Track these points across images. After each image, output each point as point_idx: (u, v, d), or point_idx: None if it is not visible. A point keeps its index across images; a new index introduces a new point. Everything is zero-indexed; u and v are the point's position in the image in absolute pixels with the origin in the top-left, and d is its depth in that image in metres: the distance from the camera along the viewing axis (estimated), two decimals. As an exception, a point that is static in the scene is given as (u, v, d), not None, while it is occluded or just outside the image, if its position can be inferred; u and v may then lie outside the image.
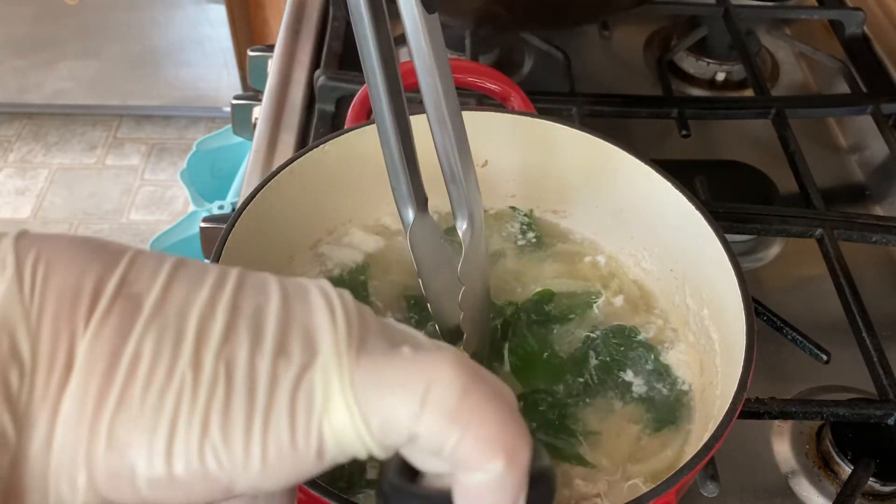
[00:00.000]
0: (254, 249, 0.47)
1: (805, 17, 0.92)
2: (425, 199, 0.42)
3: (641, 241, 0.54)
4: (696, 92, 0.85)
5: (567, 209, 0.57)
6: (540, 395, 0.47)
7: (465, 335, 0.47)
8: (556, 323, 0.51)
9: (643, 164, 0.50)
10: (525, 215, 0.57)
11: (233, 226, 0.46)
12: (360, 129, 0.52)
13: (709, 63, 0.85)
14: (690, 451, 0.41)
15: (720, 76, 0.85)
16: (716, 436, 0.38)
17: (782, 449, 0.55)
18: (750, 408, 0.50)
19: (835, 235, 0.62)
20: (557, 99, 0.73)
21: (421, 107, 0.40)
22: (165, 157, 2.09)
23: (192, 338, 0.21)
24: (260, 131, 0.73)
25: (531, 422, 0.46)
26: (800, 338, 0.56)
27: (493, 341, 0.50)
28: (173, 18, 1.88)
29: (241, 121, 0.88)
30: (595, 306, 0.52)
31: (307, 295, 0.23)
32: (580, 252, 0.56)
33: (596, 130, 0.52)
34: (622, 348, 0.50)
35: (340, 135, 0.52)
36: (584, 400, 0.47)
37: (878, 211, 0.73)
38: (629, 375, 0.48)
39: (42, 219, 1.94)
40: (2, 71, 2.00)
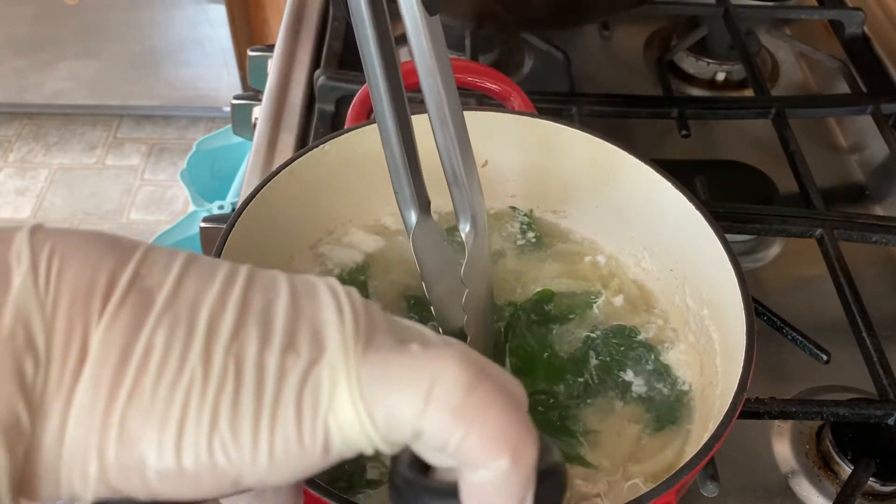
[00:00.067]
0: (254, 249, 0.47)
1: (805, 17, 0.92)
2: (428, 202, 0.42)
3: (641, 241, 0.54)
4: (696, 92, 0.85)
5: (567, 209, 0.57)
6: (540, 396, 0.47)
7: (469, 338, 0.47)
8: (556, 323, 0.51)
9: (643, 164, 0.50)
10: (525, 215, 0.57)
11: (233, 226, 0.46)
12: (360, 129, 0.52)
13: (709, 63, 0.85)
14: (690, 451, 0.41)
15: (720, 76, 0.85)
16: (716, 436, 0.38)
17: (782, 449, 0.55)
18: (750, 408, 0.50)
19: (835, 235, 0.62)
20: (557, 99, 0.73)
21: (422, 106, 0.40)
22: (165, 157, 2.09)
23: (203, 332, 0.22)
24: (260, 131, 0.73)
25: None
26: (800, 338, 0.56)
27: (496, 343, 0.50)
28: (173, 18, 1.88)
29: (241, 121, 0.88)
30: (595, 306, 0.52)
31: (315, 291, 0.24)
32: (580, 252, 0.56)
33: (596, 130, 0.52)
34: (622, 348, 0.50)
35: (340, 135, 0.52)
36: (585, 400, 0.47)
37: (878, 211, 0.73)
38: (629, 375, 0.48)
39: (42, 219, 1.94)
40: (2, 71, 2.00)
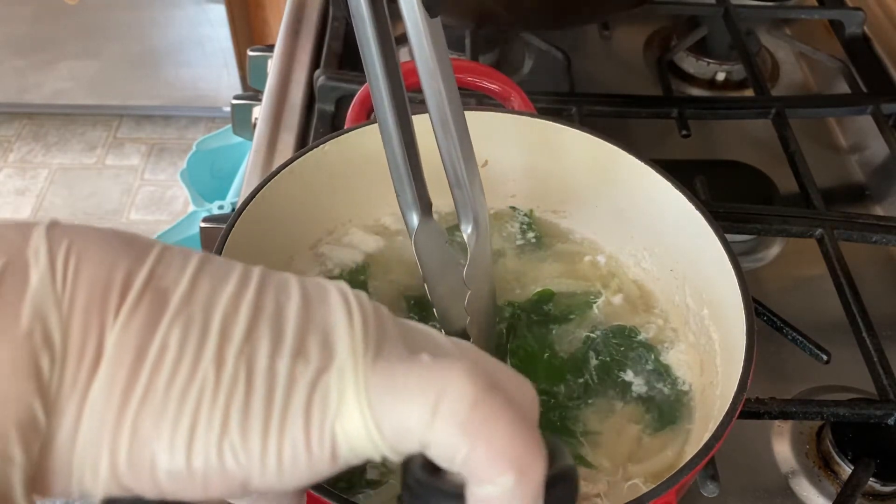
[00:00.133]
0: (254, 249, 0.47)
1: (805, 17, 0.92)
2: (429, 204, 0.42)
3: (641, 240, 0.54)
4: (696, 92, 0.85)
5: (567, 209, 0.57)
6: (541, 396, 0.47)
7: (472, 339, 0.47)
8: (556, 323, 0.51)
9: (643, 164, 0.50)
10: (525, 215, 0.57)
11: (233, 226, 0.46)
12: (359, 129, 0.52)
13: (709, 63, 0.85)
14: (690, 451, 0.41)
15: (720, 76, 0.85)
16: (716, 436, 0.38)
17: (782, 449, 0.55)
18: (750, 408, 0.50)
19: (835, 235, 0.62)
20: (557, 99, 0.73)
21: (422, 106, 0.40)
22: (165, 157, 2.09)
23: (216, 335, 0.22)
24: (260, 131, 0.73)
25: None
26: (800, 338, 0.56)
27: (498, 345, 0.50)
28: (173, 18, 1.88)
29: (240, 121, 0.88)
30: (595, 306, 0.52)
31: (326, 295, 0.24)
32: (580, 252, 0.56)
33: (596, 130, 0.52)
34: (622, 348, 0.50)
35: (340, 135, 0.52)
36: (585, 401, 0.47)
37: (879, 211, 0.73)
38: (629, 375, 0.48)
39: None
40: (2, 71, 2.00)
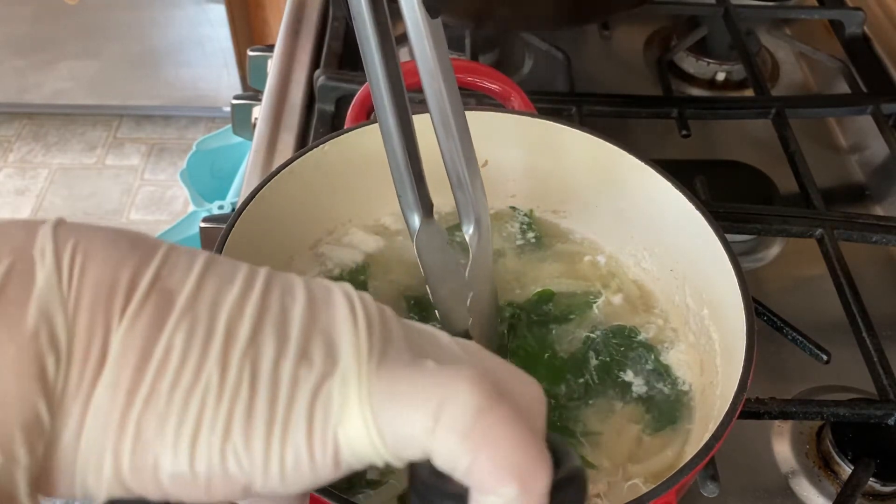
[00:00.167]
0: (254, 249, 0.47)
1: (805, 17, 0.92)
2: (431, 205, 0.42)
3: (641, 240, 0.54)
4: (696, 92, 0.85)
5: (567, 209, 0.57)
6: (541, 396, 0.47)
7: (474, 340, 0.46)
8: (556, 323, 0.51)
9: (643, 164, 0.50)
10: (525, 215, 0.57)
11: (233, 226, 0.45)
12: (359, 129, 0.52)
13: (709, 63, 0.85)
14: (691, 452, 0.41)
15: (720, 76, 0.85)
16: (716, 436, 0.38)
17: (782, 449, 0.55)
18: (750, 408, 0.50)
19: (835, 235, 0.62)
20: (557, 99, 0.73)
21: (423, 106, 0.40)
22: (165, 157, 2.09)
23: (221, 337, 0.22)
24: (260, 131, 0.73)
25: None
26: (800, 338, 0.56)
27: (500, 346, 0.50)
28: (173, 18, 1.88)
29: (240, 121, 0.88)
30: (595, 306, 0.52)
31: (331, 298, 0.23)
32: (580, 252, 0.56)
33: (596, 130, 0.52)
34: (622, 348, 0.50)
35: (340, 135, 0.52)
36: (585, 401, 0.47)
37: (879, 211, 0.73)
38: (629, 376, 0.48)
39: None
40: (2, 71, 2.00)
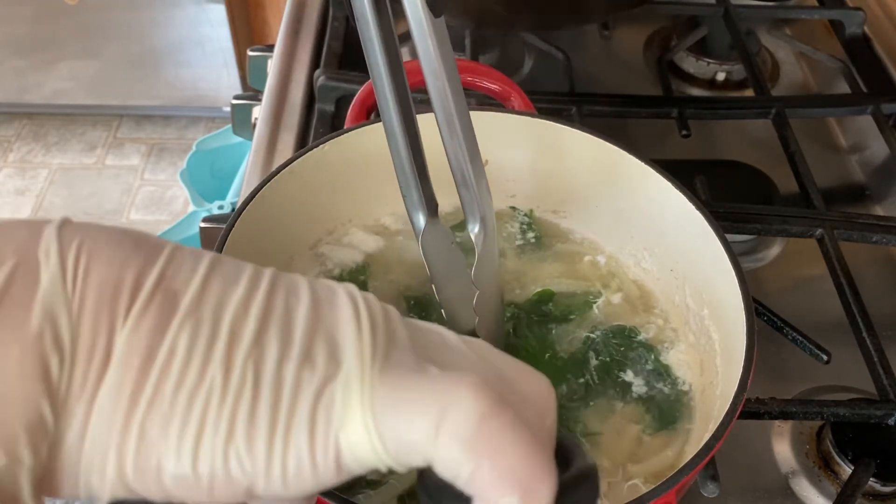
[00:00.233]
0: (254, 249, 0.47)
1: (805, 17, 0.92)
2: (436, 205, 0.42)
3: (641, 240, 0.54)
4: (696, 92, 0.85)
5: (567, 209, 0.57)
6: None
7: (481, 339, 0.46)
8: (556, 323, 0.51)
9: (643, 164, 0.50)
10: (525, 215, 0.57)
11: (232, 226, 0.45)
12: (359, 129, 0.52)
13: (709, 63, 0.85)
14: (691, 452, 0.41)
15: (720, 76, 0.85)
16: (716, 436, 0.38)
17: (782, 449, 0.55)
18: (750, 408, 0.50)
19: (835, 235, 0.62)
20: (557, 99, 0.73)
21: (426, 106, 0.40)
22: (165, 157, 2.09)
23: (225, 338, 0.21)
24: (260, 131, 0.73)
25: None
26: (800, 338, 0.56)
27: (507, 345, 0.49)
28: (173, 18, 1.88)
29: (240, 121, 0.88)
30: (595, 306, 0.52)
31: (335, 299, 0.23)
32: (580, 252, 0.56)
33: (596, 130, 0.52)
34: (622, 348, 0.50)
35: (340, 135, 0.52)
36: (586, 401, 0.47)
37: (879, 211, 0.73)
38: (629, 376, 0.48)
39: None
40: (2, 71, 2.00)
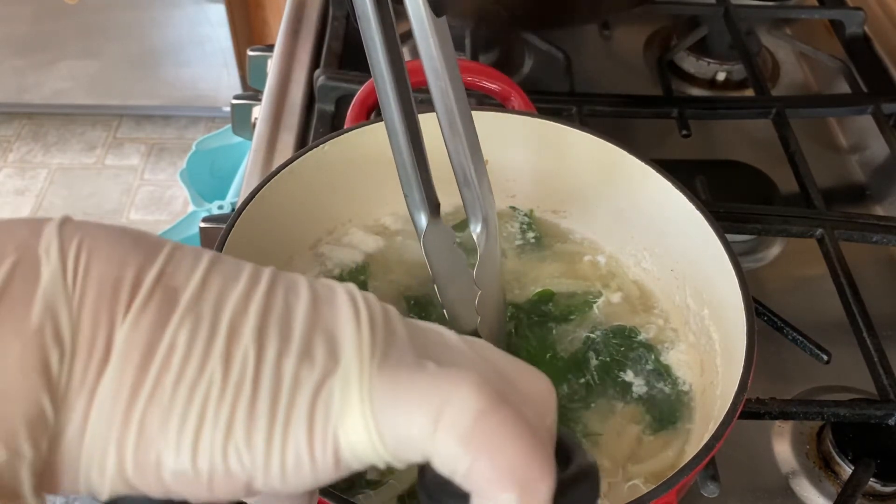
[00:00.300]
0: (254, 249, 0.47)
1: (805, 17, 0.92)
2: (437, 205, 0.42)
3: (642, 240, 0.54)
4: (697, 92, 0.85)
5: (567, 209, 0.57)
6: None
7: (483, 339, 0.46)
8: (556, 323, 0.51)
9: (643, 164, 0.50)
10: (525, 215, 0.57)
11: (232, 226, 0.45)
12: (359, 129, 0.52)
13: (709, 63, 0.85)
14: (691, 452, 0.41)
15: (720, 76, 0.85)
16: (716, 436, 0.38)
17: (783, 449, 0.55)
18: (750, 408, 0.50)
19: (835, 235, 0.62)
20: (557, 99, 0.73)
21: (427, 105, 0.40)
22: (165, 157, 2.09)
23: (224, 334, 0.22)
24: (260, 131, 0.73)
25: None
26: (800, 338, 0.56)
27: (508, 345, 0.49)
28: (173, 18, 1.88)
29: (240, 121, 0.88)
30: (595, 306, 0.52)
31: (334, 297, 0.24)
32: (580, 252, 0.56)
33: (596, 130, 0.52)
34: (622, 348, 0.50)
35: (340, 135, 0.52)
36: (586, 401, 0.47)
37: (879, 211, 0.73)
38: (629, 376, 0.48)
39: (42, 219, 1.94)
40: (1, 71, 2.00)
